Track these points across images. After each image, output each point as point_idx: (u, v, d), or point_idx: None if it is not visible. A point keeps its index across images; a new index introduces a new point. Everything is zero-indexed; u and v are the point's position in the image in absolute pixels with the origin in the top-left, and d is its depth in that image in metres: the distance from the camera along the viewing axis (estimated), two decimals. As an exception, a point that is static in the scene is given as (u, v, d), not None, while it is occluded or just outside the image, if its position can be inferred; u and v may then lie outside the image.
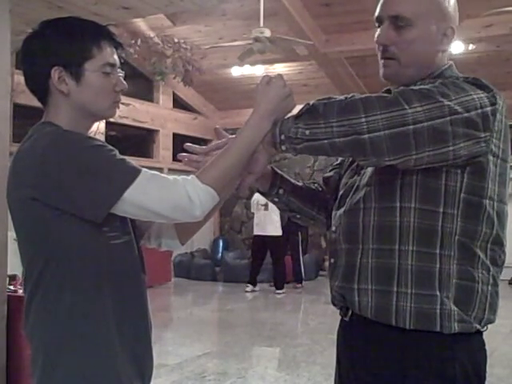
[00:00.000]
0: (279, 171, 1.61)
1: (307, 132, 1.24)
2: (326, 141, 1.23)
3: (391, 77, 1.41)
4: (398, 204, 1.30)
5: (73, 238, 1.30)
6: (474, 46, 7.64)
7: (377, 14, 1.41)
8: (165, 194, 1.24)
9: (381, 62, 1.41)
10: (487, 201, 1.30)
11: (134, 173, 1.25)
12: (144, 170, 1.27)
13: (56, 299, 1.31)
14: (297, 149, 1.28)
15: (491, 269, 1.33)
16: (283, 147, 1.30)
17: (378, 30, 1.40)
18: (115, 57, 1.40)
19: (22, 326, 1.39)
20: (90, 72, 1.35)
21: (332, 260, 1.46)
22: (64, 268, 1.30)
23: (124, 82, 1.42)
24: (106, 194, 1.24)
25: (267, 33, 6.21)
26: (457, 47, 7.44)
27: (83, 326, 1.31)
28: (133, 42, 7.93)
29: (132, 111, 8.88)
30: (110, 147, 1.31)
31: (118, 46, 1.41)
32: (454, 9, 1.41)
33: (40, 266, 1.31)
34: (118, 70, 1.41)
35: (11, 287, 3.61)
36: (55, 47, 1.34)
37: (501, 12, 6.08)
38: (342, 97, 1.26)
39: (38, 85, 1.38)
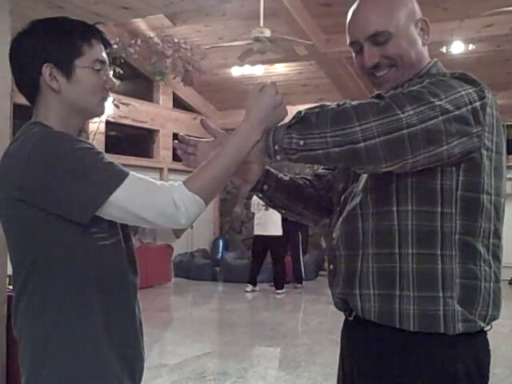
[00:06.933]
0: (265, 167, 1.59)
1: (301, 142, 1.23)
2: (320, 151, 1.22)
3: (393, 83, 1.39)
4: (394, 208, 1.30)
5: (60, 239, 1.29)
6: (474, 46, 7.64)
7: (351, 39, 1.42)
8: (150, 200, 1.23)
9: (374, 80, 1.41)
10: (484, 196, 1.29)
11: (121, 176, 1.24)
12: (132, 173, 1.26)
13: (43, 299, 1.31)
14: (292, 159, 1.27)
15: (493, 265, 1.33)
16: (278, 157, 1.29)
17: (365, 53, 1.39)
18: (104, 54, 1.41)
19: (12, 326, 1.39)
20: (80, 68, 1.36)
21: (331, 266, 1.45)
22: (51, 268, 1.30)
23: (113, 80, 1.43)
24: (93, 196, 1.23)
25: (267, 33, 6.21)
26: (457, 47, 7.45)
27: (70, 324, 1.31)
28: (133, 41, 7.93)
29: (132, 111, 8.88)
30: (98, 150, 1.30)
31: (106, 44, 1.42)
32: (412, 1, 1.42)
33: (28, 266, 1.32)
34: (108, 67, 1.42)
35: (11, 287, 3.61)
36: (46, 44, 1.35)
37: (501, 12, 6.07)
38: (334, 104, 1.25)
39: (29, 83, 1.38)
